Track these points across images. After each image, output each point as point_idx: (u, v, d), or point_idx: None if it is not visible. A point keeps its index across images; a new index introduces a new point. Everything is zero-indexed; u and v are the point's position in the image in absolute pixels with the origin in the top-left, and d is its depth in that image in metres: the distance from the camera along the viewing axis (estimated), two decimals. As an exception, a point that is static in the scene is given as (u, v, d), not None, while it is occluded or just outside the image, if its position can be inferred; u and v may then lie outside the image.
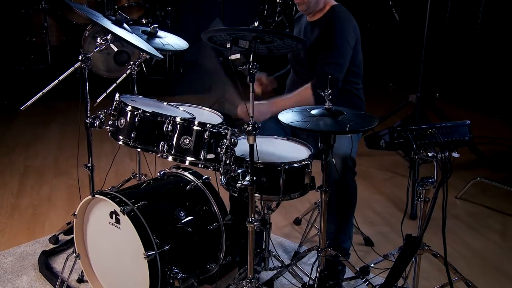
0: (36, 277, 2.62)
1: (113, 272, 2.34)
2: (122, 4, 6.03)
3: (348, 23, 2.62)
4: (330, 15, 2.64)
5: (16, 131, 4.90)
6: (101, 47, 2.40)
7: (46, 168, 4.01)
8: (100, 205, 2.26)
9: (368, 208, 3.48)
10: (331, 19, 2.61)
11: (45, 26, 6.00)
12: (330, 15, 2.64)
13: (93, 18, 2.26)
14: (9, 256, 2.81)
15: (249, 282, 2.14)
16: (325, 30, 2.61)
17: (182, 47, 2.81)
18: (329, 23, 2.61)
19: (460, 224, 3.30)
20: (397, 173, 4.11)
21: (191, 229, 2.30)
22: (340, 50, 2.58)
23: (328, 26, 2.60)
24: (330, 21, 2.61)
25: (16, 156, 4.24)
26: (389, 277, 2.18)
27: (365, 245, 3.00)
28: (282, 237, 3.09)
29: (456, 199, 3.65)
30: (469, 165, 4.20)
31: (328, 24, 2.61)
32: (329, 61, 2.58)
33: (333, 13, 2.64)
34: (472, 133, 2.20)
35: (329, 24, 2.60)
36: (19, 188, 3.65)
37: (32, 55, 6.17)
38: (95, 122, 2.37)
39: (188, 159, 2.07)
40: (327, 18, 2.64)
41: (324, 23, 2.64)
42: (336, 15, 2.62)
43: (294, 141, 2.47)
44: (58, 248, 2.84)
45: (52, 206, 3.39)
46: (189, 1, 6.98)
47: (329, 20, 2.62)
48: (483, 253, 2.98)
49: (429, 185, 2.17)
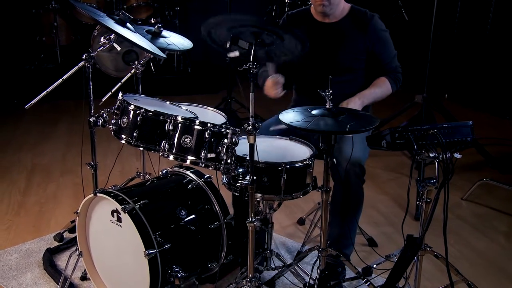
0: (40, 274, 2.64)
1: (115, 270, 2.35)
2: (130, 4, 6.06)
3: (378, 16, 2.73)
4: (361, 15, 2.68)
5: (25, 129, 4.95)
6: (105, 46, 2.42)
7: (53, 166, 4.04)
8: (102, 204, 2.28)
9: (373, 209, 3.47)
10: (368, 18, 2.67)
11: (55, 25, 6.04)
12: (360, 15, 2.68)
13: (97, 18, 2.27)
14: (15, 253, 2.84)
15: (249, 281, 2.15)
16: (366, 31, 2.65)
17: (186, 47, 2.82)
18: (365, 23, 2.66)
19: (464, 225, 3.28)
20: (403, 173, 4.09)
21: (192, 228, 2.31)
22: (390, 42, 2.75)
23: (368, 27, 2.65)
24: (367, 20, 2.66)
25: (24, 154, 4.29)
26: (390, 277, 2.17)
27: (368, 246, 2.99)
28: (285, 237, 3.09)
29: (462, 200, 3.63)
30: (476, 166, 4.17)
31: (363, 23, 2.66)
32: (392, 54, 2.74)
33: (365, 13, 2.69)
34: (474, 133, 2.18)
35: (367, 23, 2.66)
36: (26, 186, 3.69)
37: (42, 55, 6.23)
38: (99, 121, 2.39)
39: (189, 158, 2.08)
40: (361, 18, 2.67)
41: (356, 23, 2.67)
42: (371, 14, 2.69)
43: (297, 141, 2.47)
44: (62, 245, 2.87)
45: (58, 204, 3.42)
46: (197, 1, 6.99)
47: (363, 20, 2.67)
48: (487, 255, 2.96)
49: (431, 185, 2.16)
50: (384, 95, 2.70)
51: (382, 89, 2.69)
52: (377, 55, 2.69)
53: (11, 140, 4.63)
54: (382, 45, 2.70)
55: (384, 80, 2.70)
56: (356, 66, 2.69)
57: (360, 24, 2.66)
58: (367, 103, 2.62)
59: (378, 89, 2.68)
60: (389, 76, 2.71)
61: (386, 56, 2.71)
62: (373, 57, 2.70)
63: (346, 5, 2.71)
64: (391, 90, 2.71)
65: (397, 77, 2.73)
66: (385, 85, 2.69)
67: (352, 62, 2.66)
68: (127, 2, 6.08)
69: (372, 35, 2.66)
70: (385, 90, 2.70)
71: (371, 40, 2.66)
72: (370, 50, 2.67)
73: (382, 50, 2.70)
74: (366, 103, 2.61)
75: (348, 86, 2.67)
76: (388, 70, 2.72)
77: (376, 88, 2.68)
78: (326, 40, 2.70)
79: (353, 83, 2.70)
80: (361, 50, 2.67)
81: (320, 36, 2.71)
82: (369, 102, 2.64)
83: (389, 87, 2.70)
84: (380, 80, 2.71)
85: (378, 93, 2.67)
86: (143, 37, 2.54)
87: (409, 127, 2.09)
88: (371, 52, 2.68)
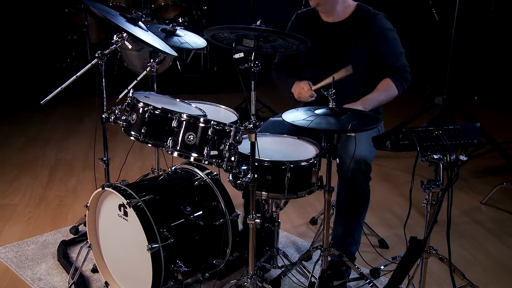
0: (54, 265, 2.72)
1: (121, 263, 2.41)
2: (158, 3, 6.16)
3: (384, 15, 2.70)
4: (364, 14, 2.66)
5: (52, 125, 5.11)
6: (117, 44, 2.48)
7: (75, 162, 4.16)
8: (111, 198, 2.33)
9: (388, 210, 3.44)
10: (370, 17, 2.64)
11: (86, 24, 6.20)
12: (364, 14, 2.66)
13: (108, 17, 2.33)
14: (32, 244, 2.93)
15: (250, 278, 2.17)
16: (370, 29, 2.62)
17: (200, 46, 2.86)
18: (367, 22, 2.63)
19: (482, 230, 3.22)
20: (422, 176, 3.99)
21: (196, 224, 2.34)
22: (396, 40, 2.69)
23: (370, 25, 2.62)
24: (369, 19, 2.64)
25: (49, 150, 4.42)
26: (392, 279, 2.15)
27: (380, 247, 2.97)
28: (296, 236, 3.10)
29: (481, 205, 3.56)
30: (499, 171, 4.08)
31: (365, 22, 2.63)
32: (398, 53, 2.69)
33: (368, 12, 2.67)
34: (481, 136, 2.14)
35: (368, 22, 2.63)
36: (49, 180, 3.81)
37: (73, 53, 6.40)
38: (111, 117, 2.46)
39: (193, 155, 2.11)
40: (364, 17, 2.65)
41: (359, 22, 2.65)
42: (374, 12, 2.67)
43: (304, 140, 2.47)
44: (77, 238, 2.95)
45: (77, 198, 3.51)
46: (225, 0, 7.04)
47: (365, 19, 2.64)
48: (502, 261, 2.89)
49: (435, 188, 2.14)
50: (389, 98, 2.67)
51: (387, 92, 2.65)
52: (381, 54, 2.65)
53: (38, 136, 4.78)
54: (386, 44, 2.65)
55: (389, 82, 2.66)
56: (359, 66, 2.65)
57: (362, 23, 2.64)
58: (370, 108, 2.59)
59: (382, 93, 2.64)
60: (395, 78, 2.67)
61: (391, 55, 2.67)
62: (377, 56, 2.66)
63: (352, 3, 2.70)
64: (397, 92, 2.67)
65: (404, 77, 2.69)
66: (389, 88, 2.65)
67: (356, 62, 2.63)
68: (155, 1, 6.18)
69: (375, 33, 2.62)
70: (390, 93, 2.66)
71: (373, 38, 2.62)
72: (373, 49, 2.64)
73: (386, 49, 2.66)
74: (368, 108, 2.57)
75: (352, 86, 2.65)
76: (394, 69, 2.68)
77: (380, 92, 2.65)
78: (330, 40, 2.70)
79: (357, 83, 2.68)
80: (363, 49, 2.65)
81: (324, 36, 2.71)
82: (372, 106, 2.60)
83: (394, 89, 2.66)
84: (385, 83, 2.67)
85: (381, 97, 2.64)
86: (155, 36, 2.59)
87: (413, 128, 2.08)
88: (374, 51, 2.65)
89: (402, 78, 2.67)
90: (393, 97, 2.68)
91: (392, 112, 3.87)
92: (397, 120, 4.49)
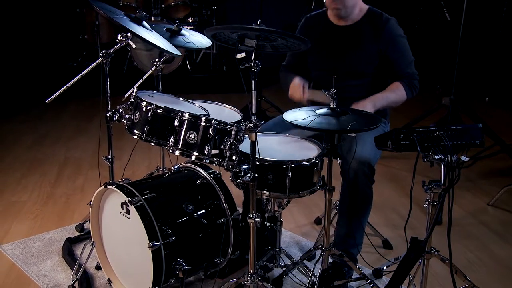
0: (59, 262, 2.75)
1: (124, 260, 2.43)
2: (168, 3, 6.19)
3: (395, 21, 2.69)
4: (376, 19, 2.65)
5: (62, 124, 5.16)
6: (122, 43, 2.50)
7: (83, 160, 4.19)
8: (113, 196, 2.35)
9: (393, 211, 3.42)
10: (383, 22, 2.64)
11: (97, 24, 6.24)
12: (376, 18, 2.65)
13: (112, 16, 2.36)
14: (38, 241, 2.97)
15: (250, 276, 2.17)
16: (380, 35, 2.62)
17: (204, 45, 2.87)
18: (379, 27, 2.63)
19: (487, 232, 3.19)
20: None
21: (198, 222, 2.36)
22: (407, 48, 2.69)
23: (383, 31, 2.62)
24: (382, 24, 2.63)
25: (58, 148, 4.47)
26: (392, 280, 2.15)
27: (383, 248, 2.96)
28: (300, 236, 3.10)
29: (488, 206, 3.53)
30: (507, 172, 4.05)
31: (377, 27, 2.63)
32: (408, 61, 2.69)
33: (380, 17, 2.66)
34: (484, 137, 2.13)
35: (381, 27, 2.63)
36: (57, 178, 3.85)
37: (84, 52, 6.45)
38: (115, 116, 2.48)
39: (194, 154, 2.13)
40: (376, 22, 2.64)
41: (371, 26, 2.64)
42: (387, 18, 2.66)
43: (307, 140, 2.48)
44: (82, 236, 2.98)
45: (84, 196, 3.54)
46: (235, 0, 7.05)
47: (378, 24, 2.63)
48: (507, 263, 2.87)
49: (437, 188, 2.13)
50: (398, 101, 2.64)
51: (396, 94, 2.63)
52: (392, 60, 2.64)
53: (48, 134, 4.83)
54: (396, 51, 2.64)
55: (399, 85, 2.64)
56: (368, 70, 2.65)
57: (374, 27, 2.63)
58: (379, 107, 2.57)
59: (391, 93, 2.63)
60: (404, 82, 2.64)
61: (401, 62, 2.65)
62: (387, 62, 2.65)
63: (364, 6, 2.69)
64: (405, 96, 2.64)
65: (413, 84, 2.66)
66: (399, 90, 2.63)
67: (365, 66, 2.62)
68: (165, 1, 6.21)
69: (386, 39, 2.61)
70: (399, 96, 2.64)
71: (384, 44, 2.61)
72: (383, 55, 2.63)
73: (396, 56, 2.64)
74: (378, 107, 2.56)
75: (360, 90, 2.64)
76: (403, 76, 2.65)
77: (390, 93, 2.63)
78: (339, 43, 2.68)
79: (365, 87, 2.66)
80: (374, 54, 2.63)
81: (334, 39, 2.70)
82: (381, 106, 2.58)
83: (403, 93, 2.63)
84: (394, 85, 2.65)
85: (391, 97, 2.62)
86: (159, 35, 2.61)
87: (415, 128, 2.07)
88: (384, 57, 2.63)
89: (411, 84, 2.65)
90: (402, 101, 2.65)
91: (401, 112, 3.86)
92: (405, 120, 4.47)
